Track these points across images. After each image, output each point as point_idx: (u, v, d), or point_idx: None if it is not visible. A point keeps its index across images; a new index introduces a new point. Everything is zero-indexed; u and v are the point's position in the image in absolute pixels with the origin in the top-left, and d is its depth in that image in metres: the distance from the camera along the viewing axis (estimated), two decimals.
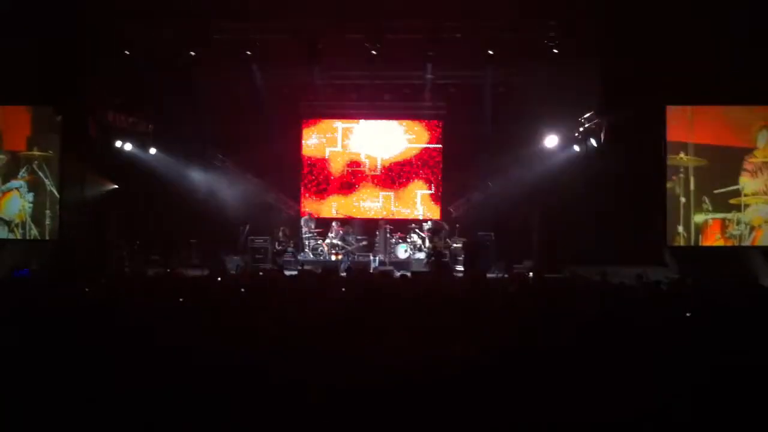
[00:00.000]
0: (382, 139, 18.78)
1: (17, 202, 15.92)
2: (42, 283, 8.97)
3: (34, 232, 15.84)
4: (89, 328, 4.67)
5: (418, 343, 4.24)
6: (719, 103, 15.62)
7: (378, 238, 18.06)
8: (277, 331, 4.59)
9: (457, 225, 17.45)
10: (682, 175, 15.72)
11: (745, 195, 15.52)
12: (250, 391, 3.49)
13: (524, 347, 3.98)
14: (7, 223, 15.92)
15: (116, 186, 16.79)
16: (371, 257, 17.26)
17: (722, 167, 15.67)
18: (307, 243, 17.68)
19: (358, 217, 18.54)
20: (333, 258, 16.98)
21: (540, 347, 4.03)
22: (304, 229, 17.86)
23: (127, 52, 15.54)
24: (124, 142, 16.63)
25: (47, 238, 15.78)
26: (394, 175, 18.69)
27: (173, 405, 3.46)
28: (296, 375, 3.59)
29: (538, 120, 16.51)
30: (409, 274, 11.98)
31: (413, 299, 6.19)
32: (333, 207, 18.67)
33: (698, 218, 15.66)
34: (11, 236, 15.86)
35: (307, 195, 18.79)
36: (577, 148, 16.95)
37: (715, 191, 15.60)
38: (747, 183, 15.56)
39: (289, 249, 17.18)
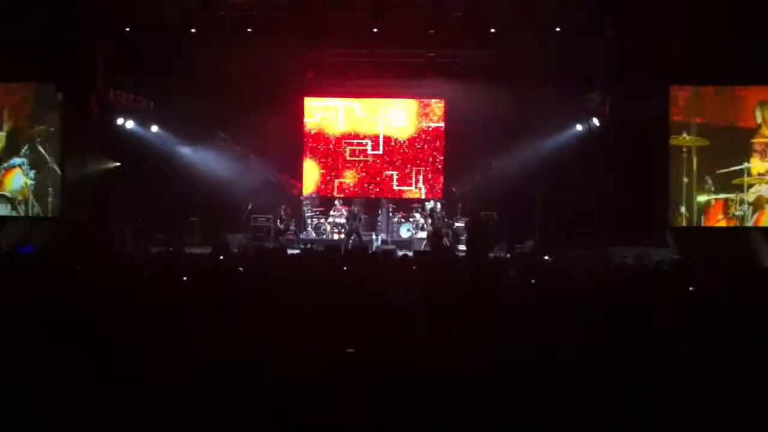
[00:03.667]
0: (384, 117, 18.70)
1: (20, 179, 15.92)
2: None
3: (37, 209, 15.85)
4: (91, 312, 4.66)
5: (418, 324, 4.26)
6: (723, 83, 15.54)
7: (380, 217, 18.07)
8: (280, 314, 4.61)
9: (460, 204, 17.44)
10: (684, 155, 15.68)
11: (749, 175, 15.48)
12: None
13: (524, 334, 4.00)
14: (10, 201, 15.93)
15: (118, 164, 16.76)
16: (373, 236, 17.27)
17: (725, 147, 15.62)
18: (309, 222, 17.69)
19: (360, 195, 18.51)
20: (335, 237, 16.99)
21: (541, 332, 4.04)
22: (306, 208, 17.85)
23: (128, 29, 15.46)
24: (125, 119, 16.59)
25: (49, 215, 15.80)
26: (396, 154, 18.63)
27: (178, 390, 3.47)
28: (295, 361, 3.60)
29: (540, 99, 16.41)
30: (410, 253, 12.02)
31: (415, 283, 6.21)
32: (335, 185, 18.63)
33: (701, 198, 15.63)
34: (14, 213, 15.88)
35: (308, 173, 18.74)
36: (579, 127, 16.89)
37: (719, 171, 15.56)
38: (756, 163, 15.49)
39: (291, 228, 17.19)
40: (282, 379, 3.44)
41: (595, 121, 16.38)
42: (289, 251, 13.73)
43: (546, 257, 11.50)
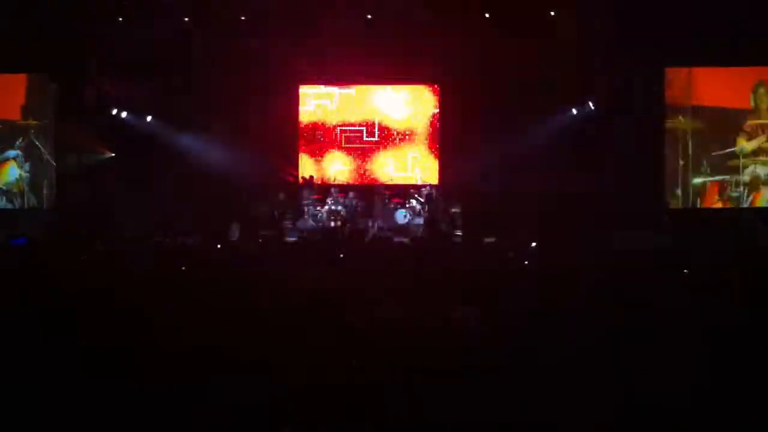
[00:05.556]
0: (379, 104, 18.64)
1: (14, 171, 15.89)
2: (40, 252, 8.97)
3: (32, 201, 15.83)
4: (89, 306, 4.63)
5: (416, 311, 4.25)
6: (718, 64, 15.52)
7: (376, 203, 18.03)
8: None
9: (456, 190, 17.40)
10: (680, 138, 15.67)
11: (744, 156, 15.49)
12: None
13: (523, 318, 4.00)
14: (5, 193, 15.90)
15: (113, 154, 16.71)
16: (370, 223, 17.24)
17: (721, 129, 15.62)
18: (305, 209, 17.66)
19: (357, 182, 18.47)
20: (332, 224, 16.96)
21: (539, 317, 4.05)
22: (302, 195, 17.82)
23: (121, 19, 15.38)
24: (119, 109, 16.52)
25: (45, 207, 15.77)
26: (392, 140, 18.58)
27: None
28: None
29: (535, 83, 16.37)
30: (407, 239, 12.02)
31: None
32: (331, 172, 18.59)
33: (696, 181, 15.65)
34: (9, 206, 15.85)
35: (304, 161, 18.69)
36: (575, 111, 16.86)
37: (714, 153, 15.57)
38: (745, 144, 15.52)
39: (288, 215, 17.16)
40: (282, 377, 3.42)
41: (591, 105, 16.36)
42: (286, 239, 13.73)
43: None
